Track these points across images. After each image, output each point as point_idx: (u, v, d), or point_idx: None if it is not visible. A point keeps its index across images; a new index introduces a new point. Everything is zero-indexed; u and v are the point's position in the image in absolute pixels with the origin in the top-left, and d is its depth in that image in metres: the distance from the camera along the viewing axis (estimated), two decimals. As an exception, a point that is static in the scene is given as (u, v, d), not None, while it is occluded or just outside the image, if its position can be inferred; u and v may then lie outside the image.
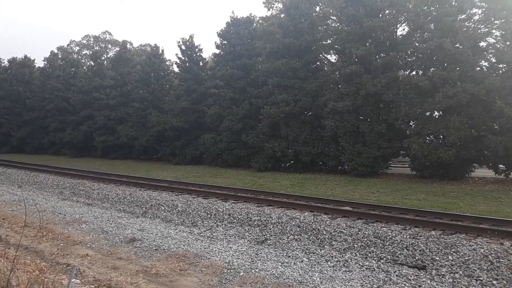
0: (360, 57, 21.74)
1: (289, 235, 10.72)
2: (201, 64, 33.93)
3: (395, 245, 9.29)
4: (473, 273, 7.85)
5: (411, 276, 7.97)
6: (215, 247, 9.97)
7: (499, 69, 19.00)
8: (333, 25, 28.11)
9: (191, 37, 33.55)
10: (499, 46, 19.20)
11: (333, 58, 28.86)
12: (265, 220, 11.80)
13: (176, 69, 36.74)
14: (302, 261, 8.97)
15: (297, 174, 23.81)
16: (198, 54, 33.74)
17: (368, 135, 21.57)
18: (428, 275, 8.02)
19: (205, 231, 11.66)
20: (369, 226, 10.60)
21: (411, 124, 21.19)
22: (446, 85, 18.91)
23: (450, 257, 8.43)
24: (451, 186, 18.12)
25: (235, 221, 12.17)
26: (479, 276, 7.73)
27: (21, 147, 47.65)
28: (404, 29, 24.15)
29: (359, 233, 10.11)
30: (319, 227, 10.74)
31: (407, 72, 23.55)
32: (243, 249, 9.82)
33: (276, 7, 36.39)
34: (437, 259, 8.47)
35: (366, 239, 9.76)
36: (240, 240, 10.75)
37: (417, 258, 8.68)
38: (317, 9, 28.09)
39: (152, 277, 7.89)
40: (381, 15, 22.91)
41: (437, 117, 20.56)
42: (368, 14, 22.16)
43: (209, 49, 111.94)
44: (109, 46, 66.10)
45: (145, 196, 16.05)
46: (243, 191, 16.59)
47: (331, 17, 28.40)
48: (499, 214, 12.09)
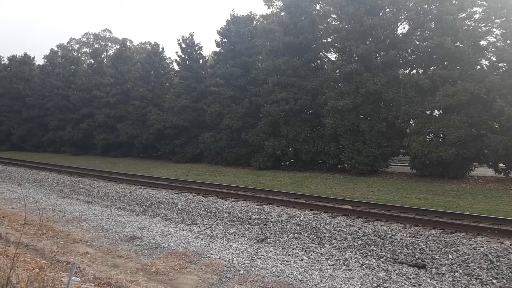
0: (360, 55, 21.73)
1: (289, 233, 10.73)
2: (201, 62, 33.86)
3: (395, 243, 9.30)
4: (473, 272, 7.85)
5: (411, 274, 7.98)
6: (215, 246, 9.98)
7: (500, 67, 19.01)
8: (333, 23, 28.01)
9: (191, 35, 33.50)
10: (499, 44, 19.19)
11: (333, 56, 28.82)
12: (265, 218, 11.81)
13: (176, 67, 36.66)
14: (302, 260, 8.98)
15: (297, 172, 23.82)
16: (198, 52, 33.66)
17: (368, 133, 21.57)
18: (428, 273, 8.03)
19: (205, 230, 11.66)
20: (369, 224, 10.61)
21: (411, 122, 21.19)
22: (446, 83, 18.89)
23: (450, 256, 8.43)
24: (451, 185, 18.13)
25: (235, 219, 12.18)
26: (479, 275, 7.74)
27: (21, 145, 47.61)
28: (404, 28, 24.12)
29: (359, 231, 10.12)
30: (319, 226, 10.75)
31: (408, 70, 23.51)
32: (243, 248, 9.83)
33: (276, 5, 36.30)
34: (437, 258, 8.48)
35: (366, 238, 9.77)
36: (240, 238, 10.76)
37: (417, 256, 8.68)
38: (318, 7, 28.02)
39: (152, 275, 7.89)
40: (381, 14, 22.86)
41: (437, 115, 20.56)
42: (368, 12, 22.12)
43: (209, 47, 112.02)
44: (109, 44, 66.04)
45: (145, 194, 16.05)
46: (243, 190, 16.60)
47: (332, 15, 28.31)
48: (499, 213, 12.10)
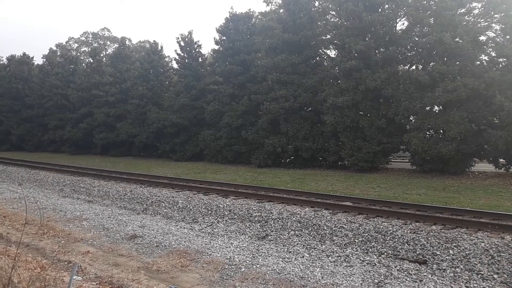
0: (359, 52, 21.69)
1: (290, 230, 10.73)
2: (200, 60, 33.82)
3: (396, 240, 9.31)
4: (474, 267, 7.86)
5: (412, 270, 7.98)
6: (216, 243, 9.98)
7: (499, 63, 18.97)
8: (332, 20, 27.94)
9: (190, 33, 33.45)
10: (499, 40, 19.15)
11: (332, 53, 28.77)
12: (265, 216, 11.81)
13: (175, 66, 36.64)
14: (303, 257, 8.98)
15: (297, 169, 23.83)
16: (197, 50, 33.61)
17: (368, 130, 21.56)
18: (429, 269, 8.04)
19: (206, 227, 11.67)
20: (370, 221, 10.61)
21: (411, 119, 21.18)
22: (446, 79, 18.88)
23: (451, 252, 8.44)
24: (451, 180, 18.13)
25: (236, 217, 12.18)
26: (480, 270, 7.75)
27: (20, 145, 47.59)
28: (403, 24, 24.05)
29: (360, 228, 10.13)
30: (320, 223, 10.75)
31: (407, 66, 23.47)
32: (244, 245, 9.84)
33: (275, 2, 36.20)
34: (438, 253, 8.48)
35: (367, 234, 9.78)
36: (241, 236, 10.76)
37: (418, 252, 8.69)
38: (316, 4, 27.94)
39: (153, 274, 7.90)
40: (380, 10, 22.81)
41: (437, 111, 20.54)
42: (367, 8, 22.08)
43: (208, 45, 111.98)
44: (108, 43, 65.92)
45: (145, 193, 16.06)
46: (244, 187, 16.61)
47: (330, 12, 28.22)
48: (500, 208, 12.10)
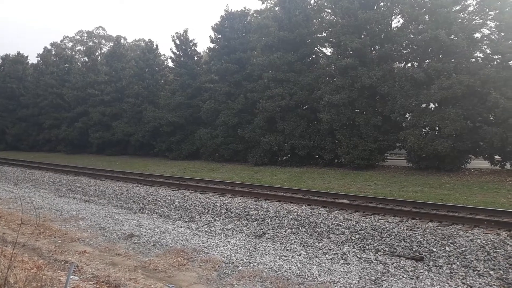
0: (355, 49, 21.71)
1: (286, 228, 10.75)
2: (195, 58, 33.75)
3: (393, 237, 9.34)
4: (470, 263, 7.90)
5: (408, 267, 8.02)
6: (213, 242, 9.98)
7: (494, 60, 19.03)
8: (327, 17, 27.94)
9: (186, 31, 33.36)
10: (493, 37, 19.21)
11: (328, 51, 28.78)
12: (262, 214, 11.82)
13: (170, 64, 36.50)
14: (300, 254, 9.00)
15: (294, 168, 23.85)
16: (192, 48, 33.54)
17: (364, 127, 21.60)
18: (425, 266, 8.07)
19: (203, 226, 11.66)
20: (367, 218, 10.64)
21: (407, 116, 21.24)
22: (441, 76, 18.94)
23: (447, 248, 8.48)
24: (447, 177, 18.21)
25: (233, 215, 12.18)
26: (476, 266, 7.79)
27: (16, 145, 47.35)
28: (399, 21, 24.08)
29: (357, 225, 10.15)
30: (317, 220, 10.77)
31: (403, 64, 23.54)
32: (241, 243, 9.84)
33: (270, 0, 36.02)
34: (435, 250, 8.52)
35: (363, 232, 9.80)
36: (238, 234, 10.76)
37: (414, 249, 8.72)
38: (312, 2, 27.91)
39: (150, 273, 7.89)
40: (375, 7, 22.83)
41: (432, 109, 20.62)
42: (362, 6, 22.09)
43: (203, 43, 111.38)
44: (103, 41, 65.65)
45: (142, 192, 16.02)
46: (240, 186, 16.60)
47: (326, 9, 28.23)
48: (495, 204, 12.17)
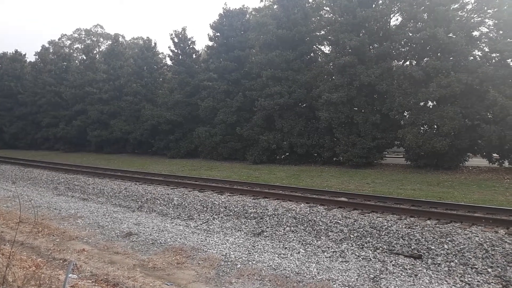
0: (353, 47, 21.70)
1: (285, 226, 10.75)
2: (194, 56, 33.68)
3: (391, 235, 9.35)
4: (468, 261, 7.92)
5: (407, 265, 8.03)
6: (211, 240, 9.98)
7: (492, 58, 19.06)
8: (326, 15, 27.92)
9: (184, 29, 33.30)
10: (492, 35, 19.24)
11: (326, 49, 28.77)
12: (261, 212, 11.82)
13: (169, 62, 36.46)
14: (298, 253, 9.00)
15: (292, 166, 23.86)
16: (191, 46, 33.47)
17: (362, 126, 21.61)
18: (424, 264, 8.09)
19: (201, 224, 11.66)
20: (365, 216, 10.66)
21: (405, 114, 21.25)
22: (439, 75, 18.94)
23: (445, 246, 8.50)
24: (445, 175, 18.24)
25: (232, 213, 12.18)
26: (474, 264, 7.81)
27: (14, 143, 47.25)
28: (397, 19, 24.07)
29: (355, 223, 10.17)
30: (315, 218, 10.78)
31: (401, 62, 23.53)
32: (240, 242, 9.84)
33: (269, -2, 36.04)
34: (433, 248, 8.54)
35: (362, 230, 9.82)
36: (236, 232, 10.76)
37: (413, 247, 8.74)
38: (310, 0, 27.91)
39: (149, 271, 7.88)
40: (374, 5, 22.81)
41: (431, 107, 20.64)
42: (361, 4, 22.06)
43: (202, 41, 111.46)
44: (101, 39, 65.44)
45: (140, 190, 16.00)
46: (239, 184, 16.60)
47: (324, 7, 28.20)
48: (493, 202, 12.21)
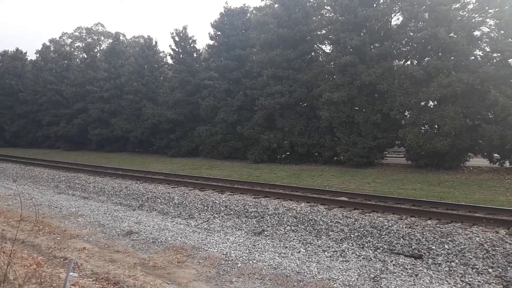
0: (354, 47, 21.68)
1: (286, 226, 10.75)
2: (195, 55, 33.66)
3: (392, 234, 9.35)
4: (469, 261, 7.92)
5: (407, 265, 8.03)
6: (212, 239, 9.99)
7: (494, 58, 19.04)
8: (327, 15, 27.92)
9: (185, 28, 33.26)
10: (493, 35, 19.22)
11: (327, 48, 28.79)
12: (262, 211, 11.83)
13: (170, 61, 36.40)
14: (299, 252, 9.01)
15: (293, 165, 23.86)
16: (192, 45, 33.44)
17: (363, 125, 21.60)
18: (424, 264, 8.09)
19: (202, 223, 11.66)
20: (366, 216, 10.65)
21: (406, 114, 21.23)
22: (440, 74, 18.92)
23: (446, 246, 8.49)
24: (446, 175, 18.23)
25: (232, 212, 12.18)
26: (475, 264, 7.81)
27: (15, 142, 47.27)
28: (398, 19, 24.06)
29: (356, 223, 10.17)
30: (316, 218, 10.78)
31: (402, 62, 23.52)
32: (241, 241, 9.85)
33: (270, -3, 35.98)
34: (433, 248, 8.53)
35: (362, 229, 9.82)
36: (237, 231, 10.77)
37: (413, 247, 8.74)
38: (311, -1, 27.90)
39: (150, 270, 7.89)
40: (375, 5, 22.79)
41: (432, 106, 20.62)
42: (362, 3, 22.04)
43: (203, 40, 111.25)
44: (102, 38, 65.48)
45: (141, 189, 16.01)
46: (240, 183, 16.60)
47: (325, 7, 28.20)
48: (494, 202, 12.21)
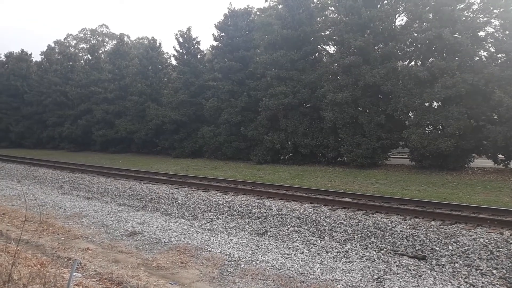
0: (358, 48, 21.65)
1: (289, 226, 10.75)
2: (199, 56, 33.72)
3: (395, 235, 9.33)
4: (473, 262, 7.88)
5: (411, 266, 8.00)
6: (215, 240, 9.99)
7: (498, 58, 18.95)
8: (331, 16, 27.93)
9: (189, 29, 33.35)
10: (498, 35, 19.12)
11: (331, 49, 28.75)
12: (265, 212, 11.83)
13: (174, 62, 36.54)
14: (302, 253, 9.00)
15: (296, 166, 23.83)
16: (196, 46, 33.52)
17: (367, 126, 21.55)
18: (428, 265, 8.06)
19: (205, 224, 11.68)
20: (369, 217, 10.63)
21: (410, 114, 21.15)
22: (445, 75, 18.86)
23: (450, 247, 8.46)
24: (450, 176, 18.15)
25: (235, 213, 12.19)
26: (479, 265, 7.77)
27: (19, 142, 47.57)
28: (402, 19, 23.98)
29: (359, 224, 10.14)
30: (319, 219, 10.77)
31: (406, 62, 23.45)
32: (244, 241, 9.85)
33: (274, -2, 36.03)
34: (437, 249, 8.50)
35: (366, 230, 9.80)
36: (240, 232, 10.77)
37: (417, 248, 8.71)
38: (315, 0, 27.87)
39: (153, 270, 7.91)
40: (379, 5, 22.75)
41: (436, 107, 20.55)
42: (366, 4, 22.01)
43: (207, 41, 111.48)
44: (106, 39, 65.78)
45: (145, 189, 16.06)
46: (243, 184, 16.61)
47: (329, 7, 28.21)
48: (499, 203, 12.13)
